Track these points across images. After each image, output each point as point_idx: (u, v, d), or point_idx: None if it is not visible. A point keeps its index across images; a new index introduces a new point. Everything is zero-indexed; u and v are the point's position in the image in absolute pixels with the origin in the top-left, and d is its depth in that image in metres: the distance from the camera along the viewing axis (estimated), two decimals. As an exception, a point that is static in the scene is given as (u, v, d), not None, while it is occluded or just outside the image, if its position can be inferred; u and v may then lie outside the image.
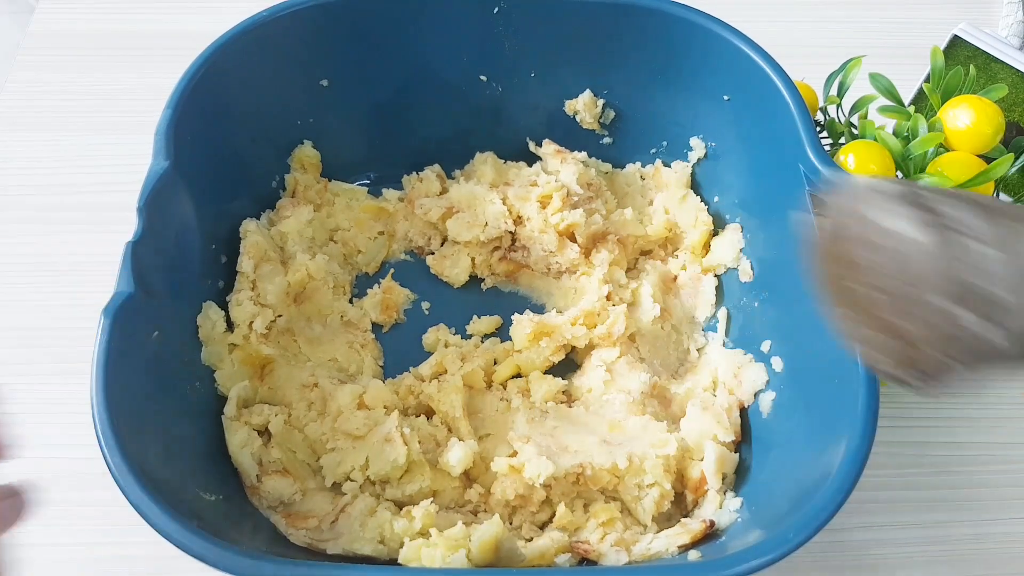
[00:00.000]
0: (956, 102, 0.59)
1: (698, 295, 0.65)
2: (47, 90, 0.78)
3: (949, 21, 0.70)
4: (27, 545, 0.56)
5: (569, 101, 0.67)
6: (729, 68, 0.59)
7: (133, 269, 0.48)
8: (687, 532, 0.50)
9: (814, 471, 0.46)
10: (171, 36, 0.82)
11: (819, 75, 0.64)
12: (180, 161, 0.53)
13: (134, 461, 0.43)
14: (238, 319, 0.59)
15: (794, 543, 0.41)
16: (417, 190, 0.69)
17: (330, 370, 0.61)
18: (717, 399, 0.59)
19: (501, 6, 0.61)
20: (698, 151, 0.66)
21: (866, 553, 0.58)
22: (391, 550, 0.51)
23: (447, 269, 0.67)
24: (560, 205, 0.64)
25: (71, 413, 0.60)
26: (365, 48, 0.63)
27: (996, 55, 0.67)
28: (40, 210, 0.71)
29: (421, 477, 0.54)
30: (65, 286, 0.67)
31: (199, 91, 0.56)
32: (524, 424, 0.57)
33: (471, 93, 0.67)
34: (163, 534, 0.41)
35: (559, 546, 0.50)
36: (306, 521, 0.52)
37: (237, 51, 0.58)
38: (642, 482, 0.54)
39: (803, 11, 0.86)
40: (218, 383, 0.57)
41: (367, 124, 0.68)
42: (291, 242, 0.64)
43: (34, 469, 0.59)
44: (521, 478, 0.53)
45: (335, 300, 0.64)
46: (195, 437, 0.53)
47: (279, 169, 0.67)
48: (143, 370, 0.49)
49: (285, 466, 0.55)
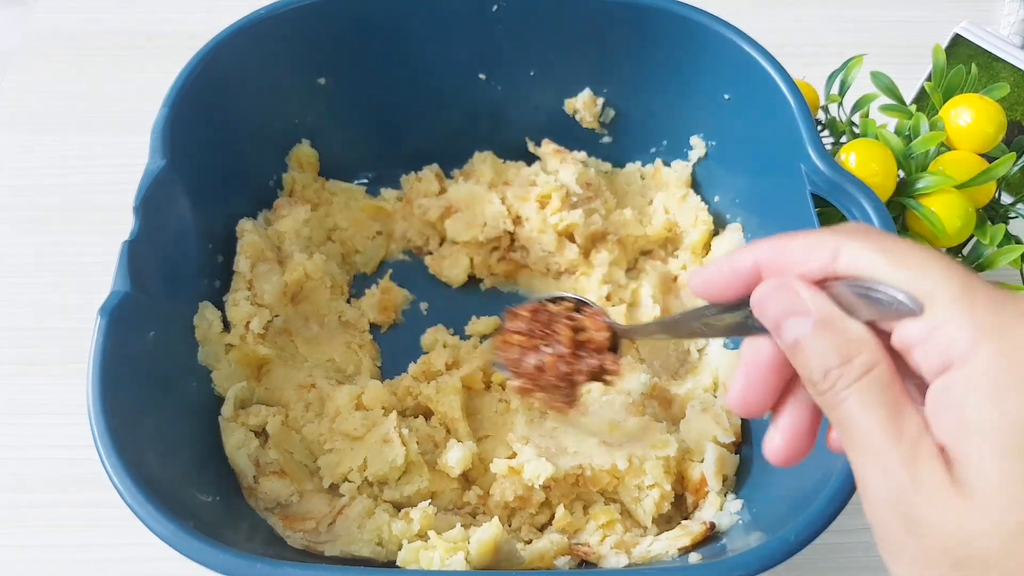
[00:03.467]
0: (958, 101, 0.59)
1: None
2: (46, 90, 0.78)
3: (951, 20, 0.70)
4: (18, 547, 0.56)
5: (569, 100, 0.67)
6: (729, 66, 0.59)
7: (130, 268, 0.48)
8: (687, 534, 0.50)
9: (815, 473, 0.45)
10: (170, 36, 0.81)
11: (820, 74, 0.63)
12: (177, 160, 0.53)
13: (130, 462, 0.42)
14: (235, 319, 0.58)
15: (795, 545, 0.41)
16: (415, 190, 0.68)
17: (328, 370, 0.61)
18: (717, 400, 0.58)
19: (500, 4, 0.61)
20: (698, 150, 0.66)
21: (867, 555, 0.58)
22: (389, 552, 0.50)
23: (446, 269, 0.66)
24: (559, 205, 0.64)
25: (66, 414, 0.60)
26: (363, 46, 0.63)
27: (998, 54, 0.66)
28: (37, 210, 0.71)
29: (419, 478, 0.54)
30: (62, 286, 0.67)
31: (196, 90, 0.56)
32: (523, 425, 0.56)
33: (470, 92, 0.66)
34: (159, 536, 0.41)
35: (558, 548, 0.50)
36: (303, 523, 0.52)
37: (234, 49, 0.58)
38: (642, 483, 0.54)
39: (804, 9, 0.85)
40: (215, 383, 0.56)
41: (365, 123, 0.68)
42: (288, 241, 0.64)
43: (28, 470, 0.59)
44: (520, 479, 0.52)
45: (333, 300, 0.64)
46: (191, 438, 0.53)
47: (276, 168, 0.67)
48: (139, 370, 0.48)
49: (282, 467, 0.55)
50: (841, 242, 0.29)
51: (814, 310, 0.29)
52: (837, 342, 0.29)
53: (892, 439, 0.27)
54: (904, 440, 0.27)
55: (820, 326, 0.29)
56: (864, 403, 0.28)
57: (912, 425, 0.27)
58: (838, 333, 0.29)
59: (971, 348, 0.26)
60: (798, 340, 0.30)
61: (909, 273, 0.28)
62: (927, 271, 0.27)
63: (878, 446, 0.27)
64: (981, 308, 0.26)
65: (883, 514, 0.28)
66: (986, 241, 0.56)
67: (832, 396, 0.29)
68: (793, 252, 0.31)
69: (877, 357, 0.28)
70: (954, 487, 0.26)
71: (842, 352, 0.29)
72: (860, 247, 0.29)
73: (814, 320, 0.29)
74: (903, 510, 0.27)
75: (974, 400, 0.26)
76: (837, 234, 0.30)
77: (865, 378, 0.28)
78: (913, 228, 0.57)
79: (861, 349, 0.29)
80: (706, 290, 0.34)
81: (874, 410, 0.28)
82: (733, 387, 0.34)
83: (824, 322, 0.29)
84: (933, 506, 0.26)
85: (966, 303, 0.26)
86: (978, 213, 0.57)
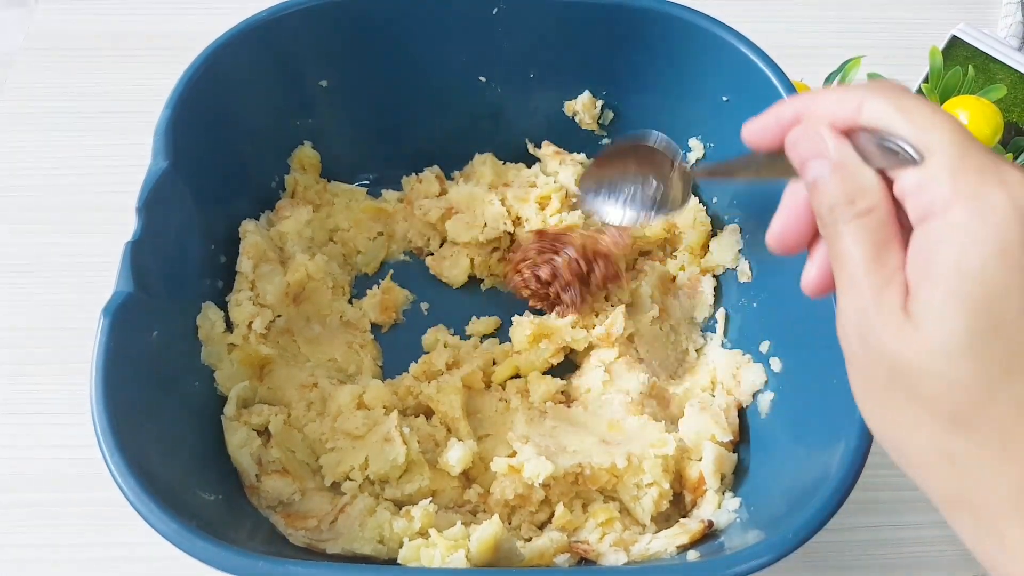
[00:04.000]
0: (955, 102, 0.60)
1: (697, 296, 0.65)
2: (47, 90, 0.78)
3: (948, 21, 0.70)
4: (18, 546, 0.57)
5: (568, 102, 0.67)
6: (728, 69, 0.59)
7: (132, 269, 0.48)
8: (686, 532, 0.50)
9: (813, 471, 0.46)
10: (171, 36, 0.82)
11: (818, 75, 0.64)
12: (179, 161, 0.53)
13: (133, 461, 0.43)
14: (237, 319, 0.59)
15: (793, 543, 0.41)
16: (416, 191, 0.69)
17: (329, 370, 0.62)
18: (716, 399, 0.59)
19: (500, 7, 0.61)
20: (697, 152, 0.66)
21: (865, 553, 0.58)
22: (390, 550, 0.51)
23: (446, 270, 0.67)
24: (559, 206, 0.64)
25: (69, 413, 0.60)
26: (365, 49, 0.63)
27: (995, 55, 0.67)
28: (40, 210, 0.71)
29: (420, 476, 0.54)
30: (65, 286, 0.67)
31: (198, 91, 0.56)
32: (523, 424, 0.57)
33: (470, 94, 0.67)
34: (163, 534, 0.41)
35: (558, 546, 0.50)
36: (305, 521, 0.52)
37: (237, 51, 0.58)
38: (641, 482, 0.54)
39: (802, 11, 0.86)
40: (217, 383, 0.57)
41: (366, 125, 0.68)
42: (290, 242, 0.64)
43: (27, 469, 0.59)
44: (520, 478, 0.53)
45: (334, 300, 0.64)
46: (194, 437, 0.53)
47: (279, 169, 0.67)
48: (142, 370, 0.49)
49: (284, 466, 0.55)
50: (865, 97, 0.33)
51: (834, 153, 0.33)
52: (847, 185, 0.32)
53: (871, 270, 0.31)
54: (880, 272, 0.31)
55: (836, 168, 0.33)
56: (857, 238, 0.32)
57: (892, 260, 0.31)
58: (850, 177, 0.32)
59: (949, 203, 0.29)
60: (816, 179, 0.34)
61: (917, 128, 0.31)
62: (934, 128, 0.31)
63: (860, 275, 0.32)
64: (970, 170, 0.29)
65: (848, 329, 0.33)
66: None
67: (833, 229, 0.33)
68: (827, 104, 0.34)
69: (878, 201, 0.32)
70: (904, 314, 0.30)
71: (849, 193, 0.32)
72: (881, 102, 0.32)
73: (832, 162, 0.33)
74: (862, 329, 0.32)
75: (941, 249, 0.29)
76: (863, 90, 0.33)
77: (864, 217, 0.32)
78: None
79: (866, 193, 0.32)
80: (754, 138, 0.38)
81: (863, 245, 0.32)
82: (773, 225, 0.38)
83: (840, 165, 0.33)
84: (885, 326, 0.31)
85: (957, 163, 0.30)
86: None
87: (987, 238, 0.28)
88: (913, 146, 0.31)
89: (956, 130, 0.31)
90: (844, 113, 0.33)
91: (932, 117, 0.31)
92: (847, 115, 0.33)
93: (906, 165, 0.31)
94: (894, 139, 0.32)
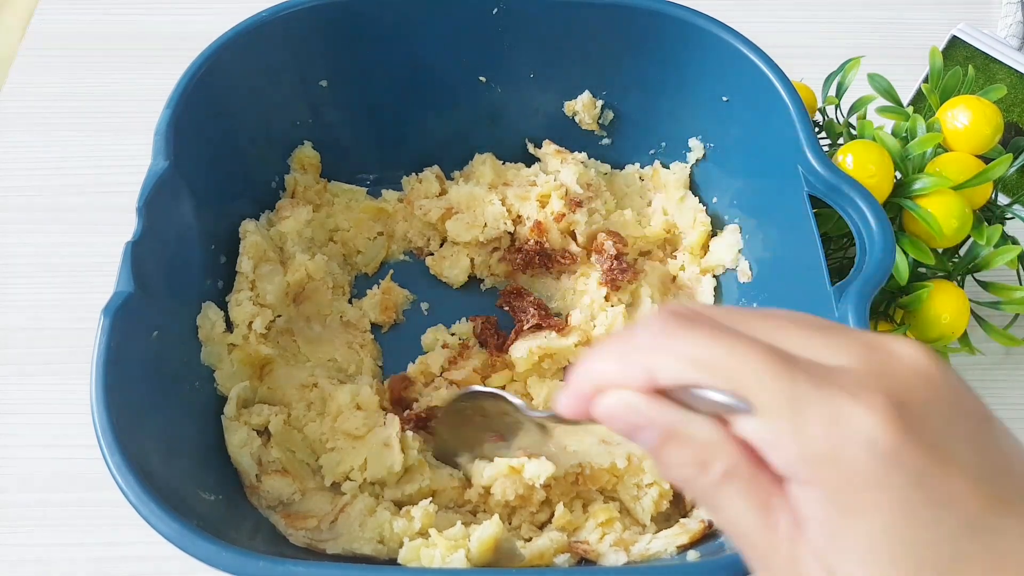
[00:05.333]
0: (955, 102, 0.59)
1: (697, 296, 0.65)
2: (47, 90, 0.78)
3: (948, 21, 0.70)
4: (18, 546, 0.57)
5: (568, 102, 0.67)
6: (728, 69, 0.59)
7: (133, 269, 0.48)
8: (686, 532, 0.50)
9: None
10: (171, 36, 0.82)
11: (818, 76, 0.64)
12: (180, 161, 0.53)
13: (134, 461, 0.43)
14: (237, 319, 0.59)
15: (792, 543, 0.41)
16: (416, 191, 0.69)
17: (329, 370, 0.62)
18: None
19: (500, 7, 0.61)
20: (696, 152, 0.67)
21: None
22: (390, 550, 0.51)
23: (446, 270, 0.67)
24: (559, 206, 0.64)
25: (70, 413, 0.60)
26: (364, 49, 0.63)
27: (995, 55, 0.67)
28: (40, 210, 0.71)
29: (420, 477, 0.54)
30: (65, 286, 0.67)
31: (198, 91, 0.56)
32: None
33: (470, 94, 0.67)
34: (164, 534, 0.41)
35: (558, 546, 0.50)
36: (305, 521, 0.52)
37: (237, 51, 0.58)
38: (641, 482, 0.54)
39: (801, 11, 0.86)
40: (217, 383, 0.57)
41: (366, 125, 0.68)
42: (290, 242, 0.64)
43: (27, 469, 0.59)
44: (520, 478, 0.53)
45: (334, 300, 0.64)
46: (194, 437, 0.53)
47: (279, 169, 0.67)
48: (143, 370, 0.49)
49: (284, 466, 0.55)
50: (652, 362, 0.28)
51: (656, 420, 0.28)
52: (688, 449, 0.28)
53: (767, 539, 0.27)
54: (779, 539, 0.26)
55: (666, 436, 0.28)
56: (733, 506, 0.27)
57: (783, 521, 0.26)
58: (686, 440, 0.28)
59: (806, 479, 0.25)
60: (652, 451, 0.29)
61: (726, 381, 0.26)
62: (744, 378, 0.26)
63: (759, 545, 0.27)
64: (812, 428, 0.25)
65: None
66: (983, 242, 0.56)
67: (703, 499, 0.28)
68: (612, 378, 0.29)
69: (732, 456, 0.27)
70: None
71: (697, 458, 0.27)
72: (671, 362, 0.27)
73: (658, 432, 0.28)
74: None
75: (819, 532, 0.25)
76: (646, 351, 0.28)
77: (727, 482, 0.27)
78: (910, 229, 0.57)
79: (715, 452, 0.27)
80: (573, 415, 0.31)
81: (744, 512, 0.27)
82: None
83: (669, 432, 0.28)
84: None
85: (792, 421, 0.25)
86: (975, 214, 0.57)
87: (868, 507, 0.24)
88: (730, 394, 0.26)
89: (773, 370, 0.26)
90: (637, 383, 0.28)
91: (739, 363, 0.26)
92: (642, 384, 0.28)
93: (735, 413, 0.26)
94: (706, 392, 0.27)
